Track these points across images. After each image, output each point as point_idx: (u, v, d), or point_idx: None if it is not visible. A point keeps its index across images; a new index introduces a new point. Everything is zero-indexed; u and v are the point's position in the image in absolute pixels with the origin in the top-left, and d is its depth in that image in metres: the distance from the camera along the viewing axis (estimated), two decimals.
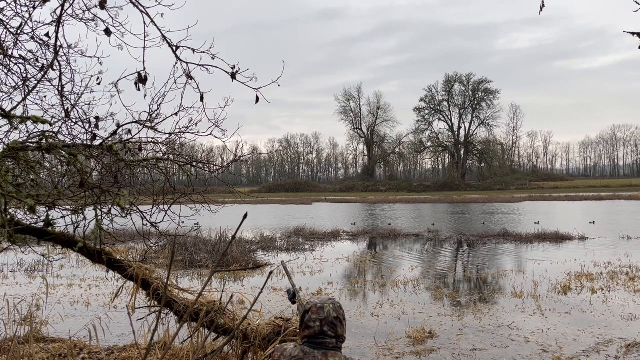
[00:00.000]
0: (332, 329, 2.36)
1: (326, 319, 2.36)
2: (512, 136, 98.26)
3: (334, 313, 2.38)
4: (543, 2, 2.98)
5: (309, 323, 2.39)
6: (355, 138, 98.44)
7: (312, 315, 2.38)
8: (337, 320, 2.38)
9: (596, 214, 27.92)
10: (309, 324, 2.39)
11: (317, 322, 2.36)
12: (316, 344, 2.35)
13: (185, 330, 4.70)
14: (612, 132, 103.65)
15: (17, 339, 5.07)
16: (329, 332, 2.35)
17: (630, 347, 5.82)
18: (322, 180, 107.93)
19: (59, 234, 3.80)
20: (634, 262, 11.95)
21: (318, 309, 2.39)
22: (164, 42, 3.49)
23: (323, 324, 2.35)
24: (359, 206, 45.38)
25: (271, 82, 3.44)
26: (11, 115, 3.18)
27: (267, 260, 13.06)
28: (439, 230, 20.84)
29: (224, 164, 4.68)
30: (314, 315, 2.38)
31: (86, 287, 9.71)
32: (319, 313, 2.38)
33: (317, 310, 2.39)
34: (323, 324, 2.35)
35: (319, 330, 2.35)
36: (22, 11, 3.72)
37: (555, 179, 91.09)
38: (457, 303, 8.23)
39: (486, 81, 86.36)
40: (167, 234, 4.26)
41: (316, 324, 2.36)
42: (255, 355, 4.37)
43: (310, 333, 2.37)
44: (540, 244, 16.06)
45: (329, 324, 2.36)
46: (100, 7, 3.44)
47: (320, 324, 2.35)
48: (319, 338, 2.36)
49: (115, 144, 3.65)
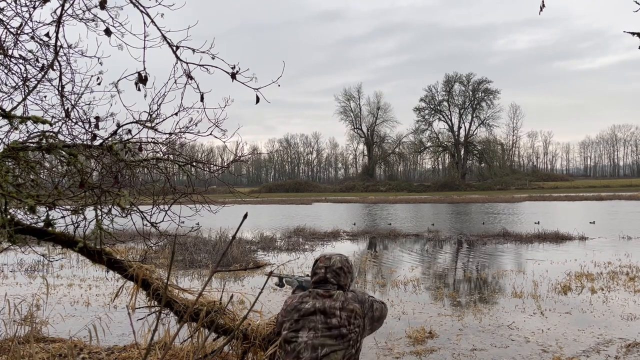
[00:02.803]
0: (336, 277, 2.67)
1: (330, 267, 2.68)
2: (512, 136, 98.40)
3: (339, 264, 2.70)
4: (543, 2, 2.98)
5: (316, 270, 2.72)
6: (355, 138, 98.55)
7: (319, 264, 2.72)
8: (340, 270, 2.69)
9: (596, 214, 27.91)
10: (316, 270, 2.72)
11: (322, 269, 2.69)
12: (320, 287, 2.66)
13: (185, 330, 4.69)
14: (612, 132, 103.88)
15: (17, 339, 5.07)
16: (332, 279, 2.66)
17: (630, 347, 5.82)
18: (322, 180, 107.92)
19: (59, 234, 3.80)
20: (634, 262, 11.94)
21: (325, 259, 2.73)
22: (164, 42, 3.49)
23: (327, 271, 2.68)
24: (359, 206, 45.37)
25: (271, 82, 3.44)
26: (11, 115, 3.18)
27: (267, 260, 13.06)
28: (439, 230, 20.84)
29: (224, 164, 4.67)
30: (321, 263, 2.72)
31: (86, 287, 9.71)
32: (325, 262, 2.71)
33: (324, 260, 2.73)
34: (327, 271, 2.68)
35: (323, 277, 2.67)
36: (22, 11, 3.72)
37: (555, 179, 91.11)
38: (457, 303, 8.23)
39: (486, 81, 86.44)
40: (167, 234, 4.26)
41: (321, 271, 2.69)
42: (255, 355, 4.37)
43: (316, 279, 2.69)
44: (540, 244, 16.06)
45: (333, 272, 2.67)
46: (100, 7, 3.44)
47: (325, 271, 2.68)
48: (322, 283, 2.66)
49: (115, 144, 3.65)
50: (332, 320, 2.52)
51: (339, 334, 2.49)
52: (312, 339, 2.49)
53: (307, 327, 2.52)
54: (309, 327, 2.52)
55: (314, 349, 2.47)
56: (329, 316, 2.53)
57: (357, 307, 2.57)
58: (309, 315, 2.55)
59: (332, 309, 2.54)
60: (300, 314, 2.56)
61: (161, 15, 3.38)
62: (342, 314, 2.53)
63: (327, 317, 2.53)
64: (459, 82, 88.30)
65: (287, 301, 2.69)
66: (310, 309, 2.56)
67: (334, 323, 2.51)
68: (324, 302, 2.56)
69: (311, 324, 2.53)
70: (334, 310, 2.53)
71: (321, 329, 2.50)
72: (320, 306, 2.55)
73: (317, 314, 2.54)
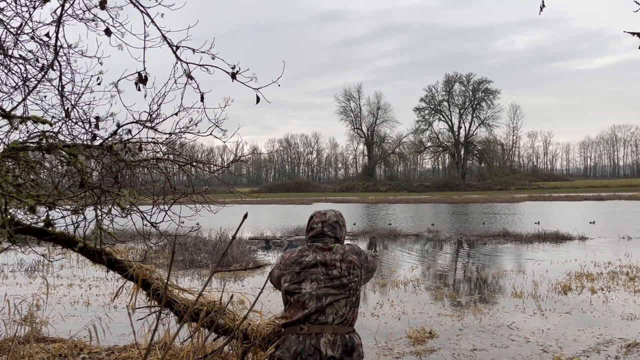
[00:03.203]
0: (332, 230, 2.80)
1: (327, 222, 2.82)
2: (512, 136, 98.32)
3: (334, 218, 2.84)
4: (543, 2, 2.98)
5: (312, 225, 2.84)
6: (355, 138, 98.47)
7: (315, 219, 2.84)
8: (336, 224, 2.83)
9: (596, 214, 27.91)
10: (312, 225, 2.84)
11: (319, 223, 2.81)
12: (318, 241, 2.77)
13: (185, 330, 4.69)
14: (612, 132, 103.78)
15: (17, 339, 5.07)
16: (329, 232, 2.79)
17: (630, 347, 5.82)
18: (322, 180, 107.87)
19: (59, 234, 3.80)
20: (634, 262, 11.95)
21: (321, 214, 2.86)
22: (164, 42, 3.49)
23: (324, 225, 2.80)
24: (359, 206, 45.37)
25: (271, 82, 3.43)
26: (11, 115, 3.18)
27: (267, 260, 13.06)
28: (439, 230, 20.84)
29: (224, 164, 4.67)
30: (317, 218, 2.84)
31: (86, 287, 9.71)
32: (321, 217, 2.84)
33: (320, 215, 2.85)
34: (324, 225, 2.80)
35: (320, 231, 2.79)
36: (22, 11, 3.71)
37: (555, 179, 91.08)
38: (457, 303, 8.23)
39: (486, 81, 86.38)
40: (167, 234, 4.26)
41: (318, 225, 2.81)
42: (255, 355, 4.37)
43: (313, 233, 2.81)
44: (540, 244, 16.06)
45: (329, 225, 2.81)
46: (100, 7, 3.43)
47: (322, 225, 2.80)
48: (319, 236, 2.79)
49: (115, 144, 3.65)
50: (333, 272, 2.66)
51: (340, 284, 2.64)
52: (316, 290, 2.62)
53: (309, 279, 2.65)
54: (311, 279, 2.65)
55: (318, 299, 2.61)
56: (329, 268, 2.66)
57: (355, 258, 2.73)
58: (310, 268, 2.67)
59: (332, 261, 2.67)
60: (302, 267, 2.68)
61: (161, 15, 3.38)
62: (342, 265, 2.68)
63: (328, 269, 2.66)
64: (459, 82, 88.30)
65: (285, 255, 2.78)
66: (312, 261, 2.68)
67: (334, 274, 2.65)
68: (324, 255, 2.69)
69: (313, 275, 2.65)
70: (335, 262, 2.67)
71: (323, 280, 2.64)
72: (321, 259, 2.68)
73: (319, 266, 2.67)
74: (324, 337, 2.56)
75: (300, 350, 2.56)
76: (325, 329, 2.58)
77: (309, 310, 2.60)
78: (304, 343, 2.57)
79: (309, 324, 2.59)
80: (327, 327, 2.58)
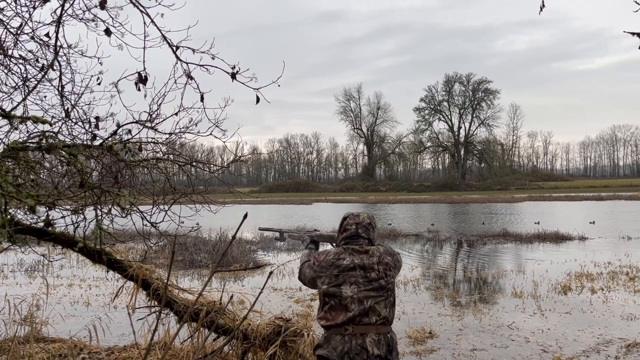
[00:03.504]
0: (366, 231, 2.87)
1: (361, 224, 2.88)
2: (512, 136, 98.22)
3: (367, 220, 2.91)
4: (543, 2, 2.98)
5: (346, 227, 2.91)
6: (355, 138, 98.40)
7: (349, 221, 2.91)
8: (369, 225, 2.91)
9: (596, 214, 27.91)
10: (346, 227, 2.90)
11: (353, 225, 2.88)
12: (353, 242, 2.84)
13: (185, 330, 4.70)
14: (612, 132, 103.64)
15: (17, 339, 5.06)
16: (363, 234, 2.86)
17: (630, 347, 5.82)
18: (322, 180, 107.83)
19: (59, 234, 3.80)
20: (634, 262, 11.95)
21: (354, 216, 2.92)
22: (164, 42, 3.49)
23: (358, 227, 2.87)
24: (359, 206, 45.37)
25: (271, 82, 3.44)
26: (11, 115, 3.18)
27: (267, 260, 13.06)
28: (439, 230, 20.84)
29: (224, 164, 4.67)
30: (351, 220, 2.90)
31: (86, 287, 9.71)
32: (355, 219, 2.90)
33: (353, 217, 2.92)
34: (358, 227, 2.87)
35: (355, 232, 2.86)
36: (22, 11, 3.72)
37: (555, 179, 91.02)
38: (457, 303, 8.23)
39: (486, 81, 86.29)
40: (167, 234, 4.26)
41: (352, 227, 2.88)
42: (255, 356, 4.37)
43: (347, 235, 2.88)
44: (540, 244, 16.06)
45: (363, 227, 2.88)
46: (100, 7, 3.43)
47: (356, 227, 2.87)
48: (354, 238, 2.85)
49: (115, 144, 3.65)
50: (371, 274, 2.74)
51: (379, 286, 2.73)
52: (357, 293, 2.70)
53: (348, 282, 2.72)
54: (350, 282, 2.72)
55: (360, 302, 2.69)
56: (368, 271, 2.74)
57: (390, 260, 2.83)
58: (348, 271, 2.74)
59: (370, 264, 2.76)
60: (340, 270, 2.74)
61: (161, 15, 3.38)
62: (380, 267, 2.77)
63: (367, 272, 2.74)
64: (459, 82, 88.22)
65: (319, 257, 2.84)
66: (350, 264, 2.75)
67: (373, 276, 2.74)
68: (361, 258, 2.76)
69: (352, 279, 2.72)
70: (372, 265, 2.76)
71: (362, 283, 2.72)
72: (359, 262, 2.75)
73: (357, 270, 2.74)
74: (369, 337, 2.65)
75: (348, 349, 2.63)
76: (369, 329, 2.66)
77: (352, 313, 2.67)
78: (350, 343, 2.64)
79: (353, 325, 2.66)
80: (371, 327, 2.67)
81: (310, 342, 4.15)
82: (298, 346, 4.16)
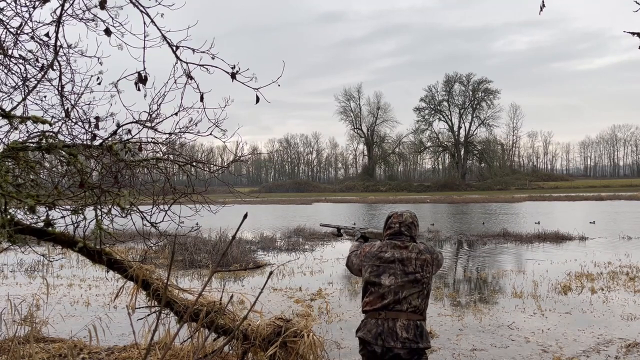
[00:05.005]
0: (408, 229, 3.15)
1: (404, 222, 3.16)
2: (512, 136, 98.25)
3: (410, 219, 3.18)
4: (543, 2, 2.98)
5: (390, 224, 3.20)
6: (355, 138, 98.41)
7: (393, 219, 3.19)
8: (412, 224, 3.18)
9: (596, 214, 27.91)
10: (390, 225, 3.20)
11: (397, 224, 3.17)
12: (395, 238, 3.13)
13: (185, 330, 4.70)
14: (612, 132, 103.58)
15: (17, 339, 5.06)
16: (405, 231, 3.14)
17: (630, 347, 5.82)
18: (322, 180, 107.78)
19: (59, 234, 3.80)
20: (634, 262, 11.94)
21: (398, 215, 3.20)
22: (164, 42, 3.49)
23: (401, 225, 3.16)
24: (359, 206, 45.38)
25: (271, 82, 3.44)
26: (11, 115, 3.18)
27: (267, 260, 13.06)
28: (438, 230, 20.83)
29: (224, 164, 4.67)
30: (394, 219, 3.19)
31: (86, 287, 9.71)
32: (398, 218, 3.18)
33: (397, 216, 3.20)
34: (401, 225, 3.16)
35: (398, 230, 3.15)
36: (22, 11, 3.71)
37: (555, 179, 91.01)
38: (457, 303, 8.23)
39: (486, 81, 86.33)
40: (167, 234, 4.26)
41: (396, 225, 3.17)
42: (255, 356, 4.37)
43: (391, 232, 3.17)
44: (540, 244, 16.06)
45: (405, 225, 3.16)
46: (100, 7, 3.43)
47: (399, 225, 3.16)
48: (397, 235, 3.14)
49: (115, 144, 3.65)
50: (408, 268, 3.03)
51: (415, 279, 3.02)
52: (394, 284, 3.00)
53: (387, 273, 3.03)
54: (389, 273, 3.03)
55: (395, 293, 2.99)
56: (405, 264, 3.03)
57: (428, 257, 3.08)
58: (389, 263, 3.04)
59: (408, 258, 3.04)
60: (381, 261, 3.06)
61: (161, 15, 3.38)
62: (417, 262, 3.04)
63: (404, 265, 3.03)
64: (459, 82, 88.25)
65: (365, 248, 3.17)
66: (390, 257, 3.05)
67: (410, 270, 3.02)
68: (401, 253, 3.05)
69: (391, 270, 3.03)
70: (410, 260, 3.04)
71: (400, 275, 3.01)
72: (398, 256, 3.05)
73: (396, 262, 3.04)
74: (399, 321, 2.96)
75: (380, 331, 2.95)
76: (400, 315, 2.97)
77: (387, 301, 2.98)
78: (383, 326, 2.96)
79: (386, 311, 2.98)
80: (402, 314, 2.97)
81: (311, 343, 4.15)
82: (298, 347, 4.15)
